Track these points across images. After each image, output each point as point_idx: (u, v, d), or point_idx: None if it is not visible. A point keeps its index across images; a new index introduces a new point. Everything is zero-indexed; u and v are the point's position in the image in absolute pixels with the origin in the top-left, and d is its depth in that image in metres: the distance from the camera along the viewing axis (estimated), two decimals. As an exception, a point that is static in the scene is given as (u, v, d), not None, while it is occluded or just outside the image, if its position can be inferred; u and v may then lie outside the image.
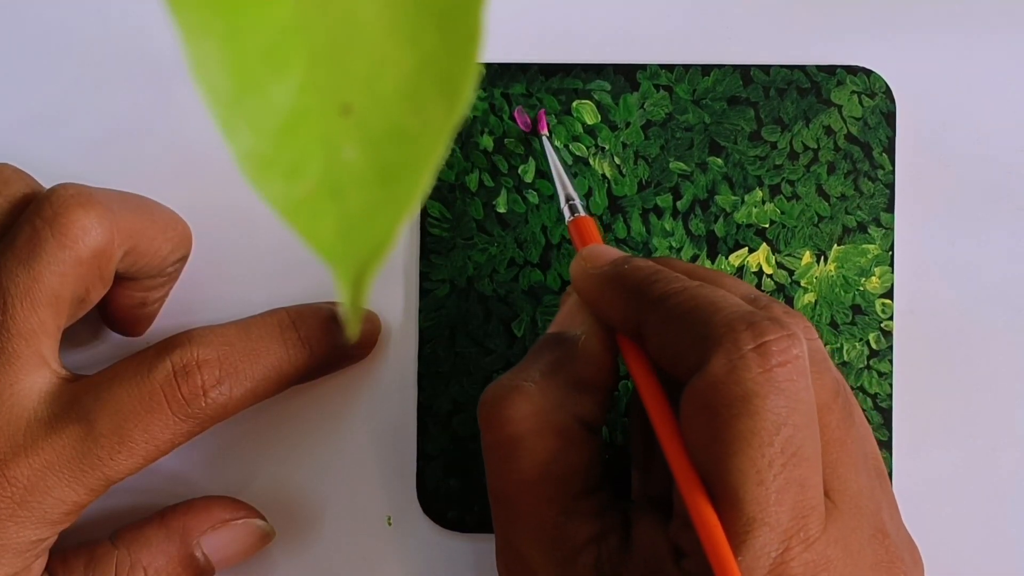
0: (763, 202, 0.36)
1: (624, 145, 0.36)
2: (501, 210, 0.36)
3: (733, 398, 0.26)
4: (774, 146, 0.36)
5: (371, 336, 0.36)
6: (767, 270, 0.36)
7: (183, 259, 0.34)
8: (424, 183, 0.16)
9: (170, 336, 0.32)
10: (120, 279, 0.33)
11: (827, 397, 0.28)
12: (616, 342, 0.31)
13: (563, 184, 0.35)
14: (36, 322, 0.30)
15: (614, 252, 0.32)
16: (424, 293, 0.36)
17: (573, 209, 0.34)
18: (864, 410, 0.33)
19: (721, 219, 0.36)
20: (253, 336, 0.33)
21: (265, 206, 0.16)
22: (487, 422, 0.30)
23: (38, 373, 0.30)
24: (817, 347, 0.29)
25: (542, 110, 0.36)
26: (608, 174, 0.36)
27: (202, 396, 0.31)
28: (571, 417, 0.30)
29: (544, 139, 0.36)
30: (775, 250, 0.36)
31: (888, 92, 0.36)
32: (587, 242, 0.33)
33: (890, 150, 0.36)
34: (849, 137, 0.36)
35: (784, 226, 0.36)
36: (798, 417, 0.26)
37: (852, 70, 0.36)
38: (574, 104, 0.36)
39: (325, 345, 0.34)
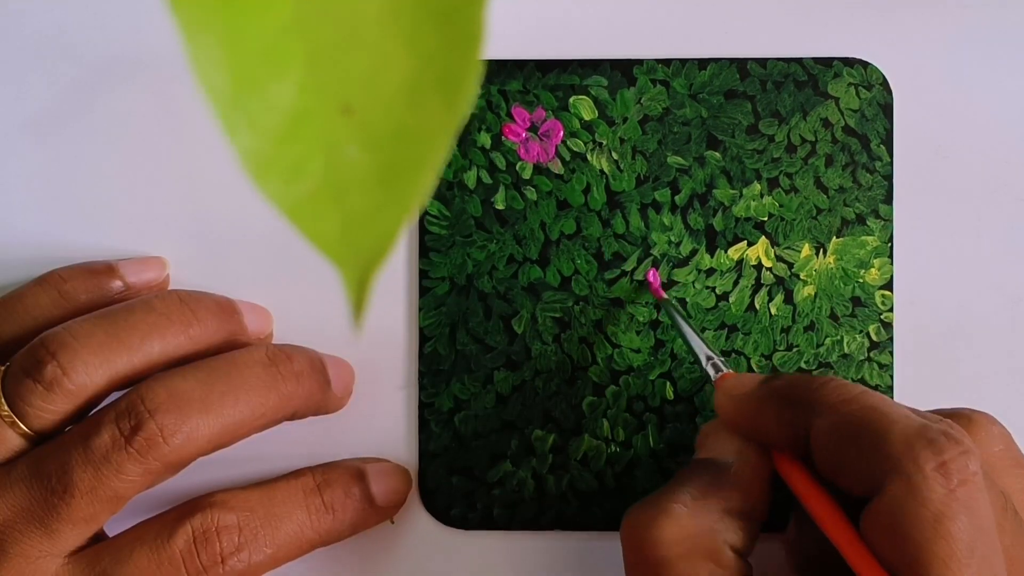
0: (761, 195, 0.36)
1: (622, 140, 0.36)
2: (500, 207, 0.36)
3: (923, 521, 0.26)
4: (772, 139, 0.36)
5: (400, 493, 0.35)
6: (766, 263, 0.36)
7: None
8: (426, 183, 0.16)
9: (192, 499, 0.32)
10: None
11: (998, 514, 0.28)
12: (767, 471, 0.30)
13: (698, 345, 0.34)
14: (90, 514, 0.30)
15: (754, 375, 0.32)
16: (424, 291, 0.36)
17: (716, 368, 0.33)
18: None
19: (720, 213, 0.36)
20: (276, 501, 0.33)
21: (270, 208, 0.16)
22: (633, 542, 0.29)
23: (72, 544, 0.31)
24: (984, 456, 0.29)
25: (652, 271, 0.36)
26: (606, 169, 0.36)
27: (220, 564, 0.31)
28: (722, 542, 0.29)
29: (665, 304, 0.35)
30: (774, 243, 0.36)
31: (885, 83, 0.36)
32: None
33: (888, 142, 0.36)
34: (847, 129, 0.36)
35: (783, 219, 0.36)
36: (985, 536, 0.26)
37: (849, 62, 0.36)
38: (571, 100, 0.36)
39: (350, 509, 0.34)
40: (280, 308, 0.36)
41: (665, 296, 0.35)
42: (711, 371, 0.33)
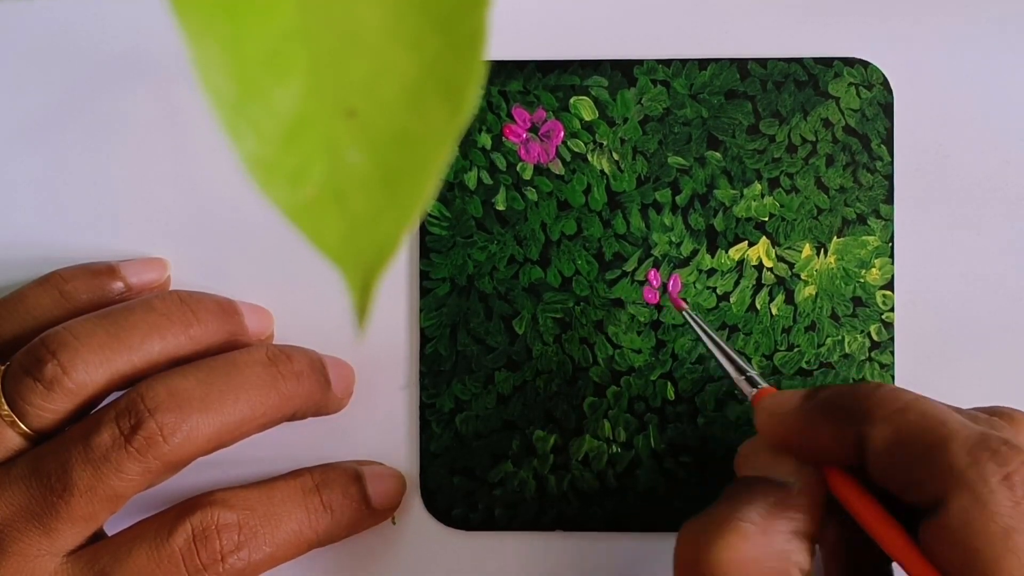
0: (762, 195, 0.36)
1: (622, 141, 0.36)
2: (500, 207, 0.36)
3: (992, 536, 0.25)
4: (772, 139, 0.36)
5: (396, 496, 0.35)
6: (767, 263, 0.36)
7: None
8: (429, 186, 0.16)
9: (192, 497, 0.32)
10: None
11: None
12: (824, 491, 0.29)
13: (731, 359, 0.33)
14: (89, 513, 0.30)
15: (793, 391, 0.31)
16: (425, 292, 0.36)
17: (752, 382, 0.32)
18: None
19: (720, 213, 0.36)
20: (276, 500, 0.33)
21: (271, 209, 0.16)
22: (694, 562, 0.28)
23: (71, 544, 0.31)
24: None
25: (673, 291, 0.36)
26: (607, 170, 0.36)
27: (220, 562, 0.31)
28: (793, 565, 0.28)
29: (687, 315, 0.35)
30: (775, 243, 0.36)
31: (885, 83, 0.36)
32: None
33: (888, 141, 0.36)
34: (847, 129, 0.36)
35: (783, 219, 0.36)
36: None
37: (849, 62, 0.36)
38: (572, 100, 0.36)
39: (348, 510, 0.34)
40: (281, 309, 0.36)
41: (687, 309, 0.35)
42: (746, 387, 0.32)
